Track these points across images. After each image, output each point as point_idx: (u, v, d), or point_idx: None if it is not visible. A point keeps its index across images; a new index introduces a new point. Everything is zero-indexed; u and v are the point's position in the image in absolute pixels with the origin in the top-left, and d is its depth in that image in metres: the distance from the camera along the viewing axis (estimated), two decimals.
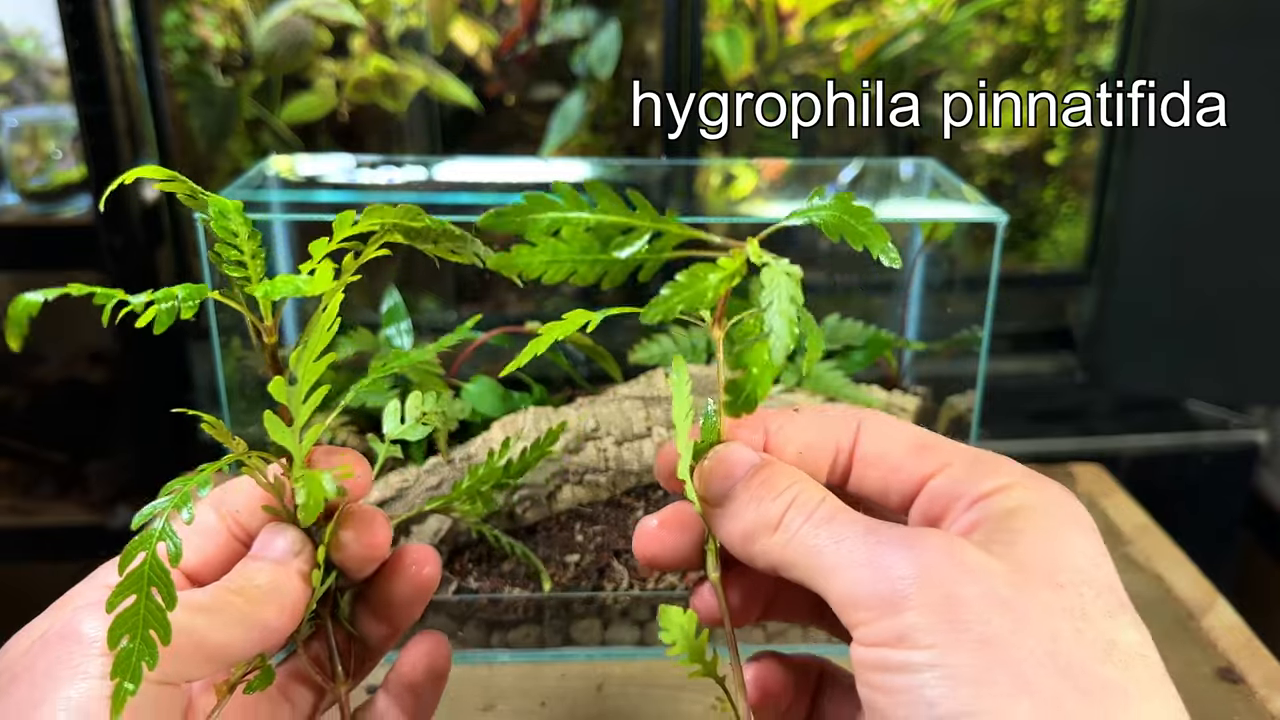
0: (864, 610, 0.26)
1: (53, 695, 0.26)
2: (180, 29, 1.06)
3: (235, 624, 0.30)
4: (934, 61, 1.10)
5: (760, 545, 0.29)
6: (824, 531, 0.28)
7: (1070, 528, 0.28)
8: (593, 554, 0.65)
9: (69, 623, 0.28)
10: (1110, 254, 1.11)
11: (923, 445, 0.31)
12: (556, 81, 1.13)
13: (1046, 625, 0.25)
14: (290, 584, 0.33)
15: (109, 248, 1.03)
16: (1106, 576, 0.27)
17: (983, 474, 0.29)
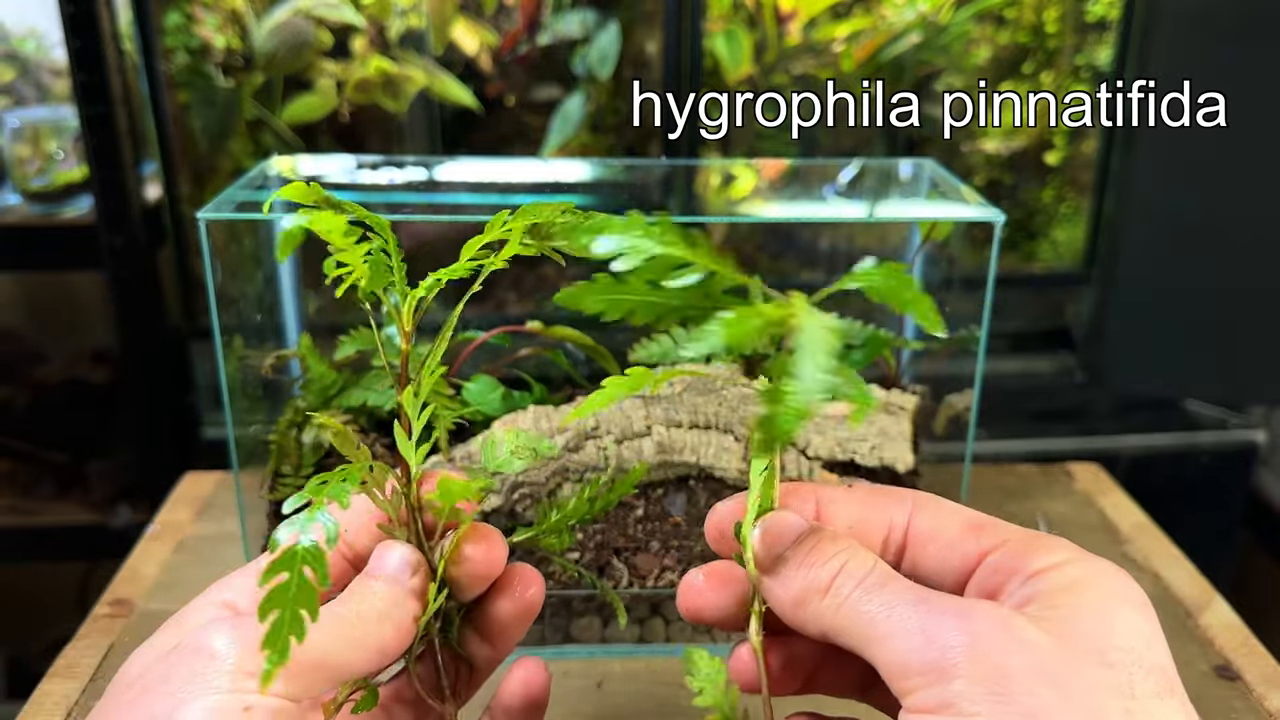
0: (914, 677, 0.26)
1: (186, 706, 0.27)
2: (181, 30, 1.06)
3: (354, 645, 0.31)
4: (933, 62, 1.10)
5: (811, 610, 0.30)
6: (875, 598, 0.28)
7: (1123, 605, 0.28)
8: (592, 552, 0.65)
9: (199, 638, 0.29)
10: (1109, 254, 1.11)
11: (978, 525, 0.31)
12: (557, 82, 1.14)
13: (1093, 702, 0.25)
14: (405, 603, 0.33)
15: (110, 248, 1.03)
16: (1158, 657, 0.27)
17: (1038, 551, 0.30)
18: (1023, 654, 0.26)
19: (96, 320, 1.18)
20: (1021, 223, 1.17)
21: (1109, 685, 0.26)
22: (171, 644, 0.30)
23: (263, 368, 0.65)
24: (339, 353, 0.63)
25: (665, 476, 0.67)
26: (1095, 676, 0.26)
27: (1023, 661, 0.26)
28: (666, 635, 0.65)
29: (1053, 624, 0.27)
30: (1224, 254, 1.07)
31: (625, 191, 0.76)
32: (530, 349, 0.68)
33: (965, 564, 0.31)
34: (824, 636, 0.30)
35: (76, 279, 1.20)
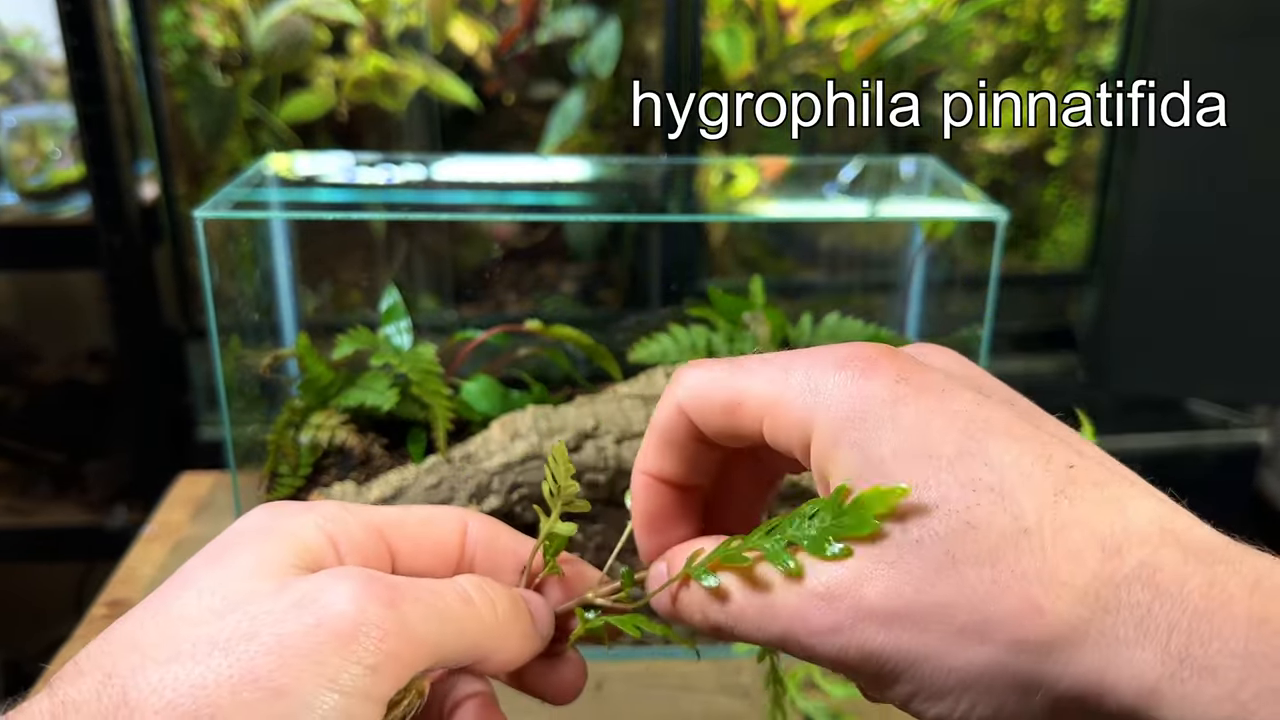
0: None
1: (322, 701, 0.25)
2: (179, 28, 1.06)
3: (468, 645, 0.29)
4: (934, 60, 1.09)
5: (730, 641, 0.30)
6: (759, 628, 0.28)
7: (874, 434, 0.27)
8: (592, 553, 0.65)
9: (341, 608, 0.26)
10: (1112, 253, 1.11)
11: (735, 405, 0.30)
12: (556, 80, 1.13)
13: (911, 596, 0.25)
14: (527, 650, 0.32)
15: (107, 247, 1.03)
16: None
17: (786, 428, 0.29)
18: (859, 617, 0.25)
19: (93, 320, 1.18)
20: (1024, 222, 1.17)
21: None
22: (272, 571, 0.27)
23: (260, 368, 0.64)
24: (337, 352, 0.63)
25: None
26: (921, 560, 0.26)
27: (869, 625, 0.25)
28: (666, 637, 0.65)
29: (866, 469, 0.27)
30: (1226, 253, 1.07)
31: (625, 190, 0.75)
32: (529, 349, 0.68)
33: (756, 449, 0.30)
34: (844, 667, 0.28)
35: (73, 278, 1.20)
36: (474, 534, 0.33)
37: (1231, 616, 0.22)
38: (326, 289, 1.07)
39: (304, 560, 0.28)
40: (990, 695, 0.25)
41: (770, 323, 0.68)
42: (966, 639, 0.24)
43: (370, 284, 1.05)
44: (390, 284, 0.63)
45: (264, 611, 0.25)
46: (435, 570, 0.32)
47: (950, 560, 0.25)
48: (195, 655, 0.25)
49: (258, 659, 0.24)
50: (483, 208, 0.71)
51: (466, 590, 0.29)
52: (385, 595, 0.26)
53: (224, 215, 0.56)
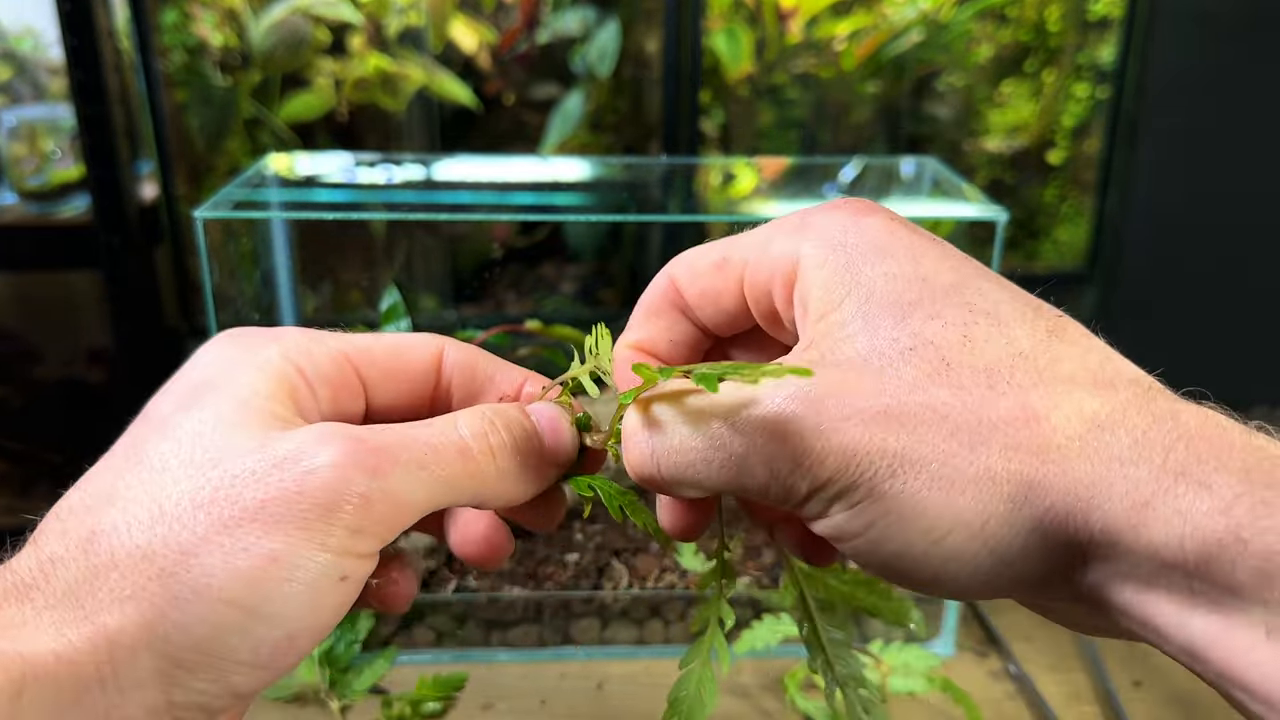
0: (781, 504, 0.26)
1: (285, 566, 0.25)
2: (178, 28, 1.06)
3: (464, 490, 0.28)
4: (934, 60, 1.09)
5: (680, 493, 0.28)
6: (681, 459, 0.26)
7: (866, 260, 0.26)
8: (592, 553, 0.65)
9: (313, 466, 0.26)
10: (1112, 253, 1.11)
11: (721, 261, 0.29)
12: (556, 80, 1.13)
13: (928, 404, 0.24)
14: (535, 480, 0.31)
15: (107, 247, 1.03)
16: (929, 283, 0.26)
17: (770, 262, 0.28)
18: (842, 417, 0.24)
19: (93, 320, 1.18)
20: (1023, 221, 1.17)
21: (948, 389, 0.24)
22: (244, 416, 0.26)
23: None
24: None
25: None
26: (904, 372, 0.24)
27: (848, 426, 0.24)
28: (665, 637, 0.65)
29: (832, 345, 0.25)
30: (1227, 253, 1.07)
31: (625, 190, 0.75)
32: (529, 348, 0.68)
33: (742, 309, 0.29)
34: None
35: (73, 278, 1.19)
36: (451, 360, 0.32)
37: (1228, 442, 0.22)
38: (326, 289, 1.07)
39: (278, 400, 0.28)
40: (977, 506, 0.23)
41: None
42: (959, 442, 0.23)
43: (370, 284, 1.05)
44: (390, 284, 0.63)
45: (246, 471, 0.25)
46: (411, 399, 0.31)
47: (945, 366, 0.24)
48: (180, 517, 0.25)
49: (243, 524, 0.24)
50: (483, 208, 0.71)
51: (465, 441, 0.28)
52: (370, 462, 0.25)
53: (224, 215, 0.56)
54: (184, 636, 0.24)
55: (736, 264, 0.28)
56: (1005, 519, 0.23)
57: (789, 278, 0.27)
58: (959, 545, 0.23)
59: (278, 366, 0.28)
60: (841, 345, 0.25)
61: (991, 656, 0.66)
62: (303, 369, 0.29)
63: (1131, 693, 0.61)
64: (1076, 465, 0.23)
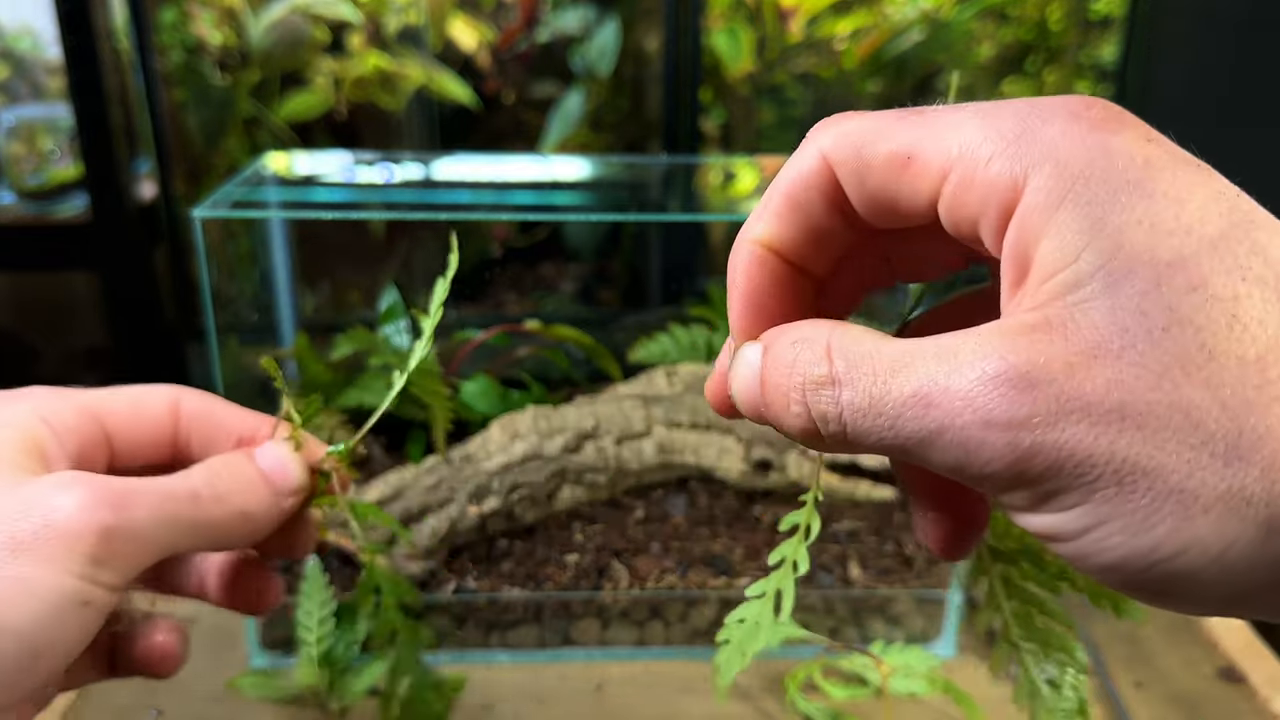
0: (982, 486, 0.21)
1: (27, 591, 0.27)
2: (177, 27, 1.06)
3: (198, 532, 0.31)
4: (936, 59, 1.09)
5: (835, 449, 0.23)
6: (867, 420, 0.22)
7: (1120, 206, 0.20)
8: (592, 554, 0.64)
9: (52, 502, 0.28)
10: None
11: (906, 159, 0.22)
12: (556, 79, 1.13)
13: (1175, 403, 0.19)
14: (270, 513, 0.33)
15: (105, 247, 1.02)
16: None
17: (984, 183, 0.21)
18: (1064, 410, 0.20)
19: (91, 320, 1.18)
20: None
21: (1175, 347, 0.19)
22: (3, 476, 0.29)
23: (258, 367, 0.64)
24: (335, 352, 0.63)
25: (665, 478, 0.67)
26: (1155, 360, 0.19)
27: (1071, 421, 0.20)
28: (666, 638, 0.65)
29: (1060, 314, 0.20)
30: None
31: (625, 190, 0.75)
32: (529, 349, 0.68)
33: (927, 219, 0.23)
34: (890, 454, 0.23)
35: (71, 278, 1.19)
36: (187, 409, 0.35)
37: None
38: (325, 289, 1.07)
39: (24, 452, 0.30)
40: (1220, 530, 0.19)
41: None
42: (1210, 453, 0.19)
43: (370, 284, 1.05)
44: (389, 284, 0.63)
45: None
46: (152, 448, 0.34)
47: (1206, 355, 0.19)
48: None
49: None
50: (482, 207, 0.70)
51: (195, 489, 0.31)
52: (111, 499, 0.28)
53: (222, 214, 0.56)
54: None
55: (930, 166, 0.22)
56: (1253, 546, 0.19)
57: (1006, 208, 0.21)
58: (1191, 566, 0.19)
59: (24, 421, 0.31)
60: (1074, 315, 0.20)
61: None
62: (49, 421, 0.31)
63: (1133, 693, 0.61)
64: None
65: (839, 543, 0.65)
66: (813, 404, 0.23)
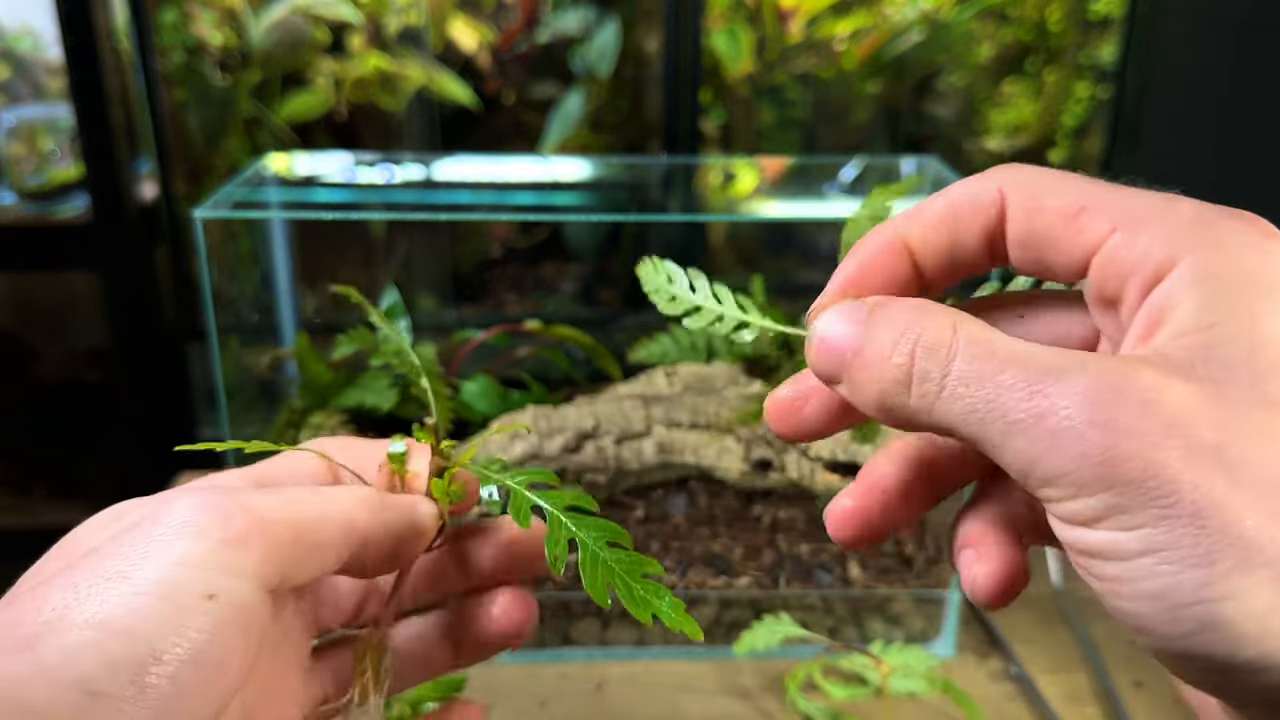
0: (1048, 488, 0.22)
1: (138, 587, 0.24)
2: (178, 27, 1.06)
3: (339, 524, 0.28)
4: (935, 60, 1.09)
5: (902, 414, 0.24)
6: (965, 385, 0.22)
7: (1265, 298, 0.22)
8: None
9: (162, 509, 0.26)
10: None
11: (1076, 210, 0.24)
12: (556, 79, 1.13)
13: (1270, 465, 0.20)
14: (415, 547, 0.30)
15: (106, 247, 1.02)
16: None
17: (1152, 243, 0.23)
18: (1176, 435, 0.20)
19: (92, 320, 1.18)
20: None
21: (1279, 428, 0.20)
22: (130, 518, 0.26)
23: (260, 368, 0.64)
24: (336, 352, 0.63)
25: (666, 478, 0.67)
26: (1261, 425, 0.20)
27: (1178, 447, 0.20)
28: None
29: (1196, 366, 0.21)
30: None
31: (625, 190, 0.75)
32: (529, 349, 0.68)
33: (1071, 268, 0.25)
34: (927, 431, 0.24)
35: (72, 278, 1.19)
36: (339, 460, 0.32)
37: None
38: (326, 289, 1.07)
39: None
40: (1274, 588, 0.20)
41: None
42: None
43: (370, 284, 1.05)
44: (390, 284, 0.63)
45: (107, 537, 0.25)
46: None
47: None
48: (46, 584, 0.24)
49: (97, 564, 0.24)
50: (483, 208, 0.71)
51: (335, 491, 0.29)
52: (227, 493, 0.26)
53: (223, 215, 0.56)
54: (33, 673, 0.22)
55: (1102, 222, 0.24)
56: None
57: (1160, 272, 0.23)
58: (1235, 614, 0.20)
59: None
60: (1200, 362, 0.21)
61: (992, 658, 0.66)
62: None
63: (1132, 694, 0.61)
64: None
65: None
66: (920, 359, 0.23)
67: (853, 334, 0.25)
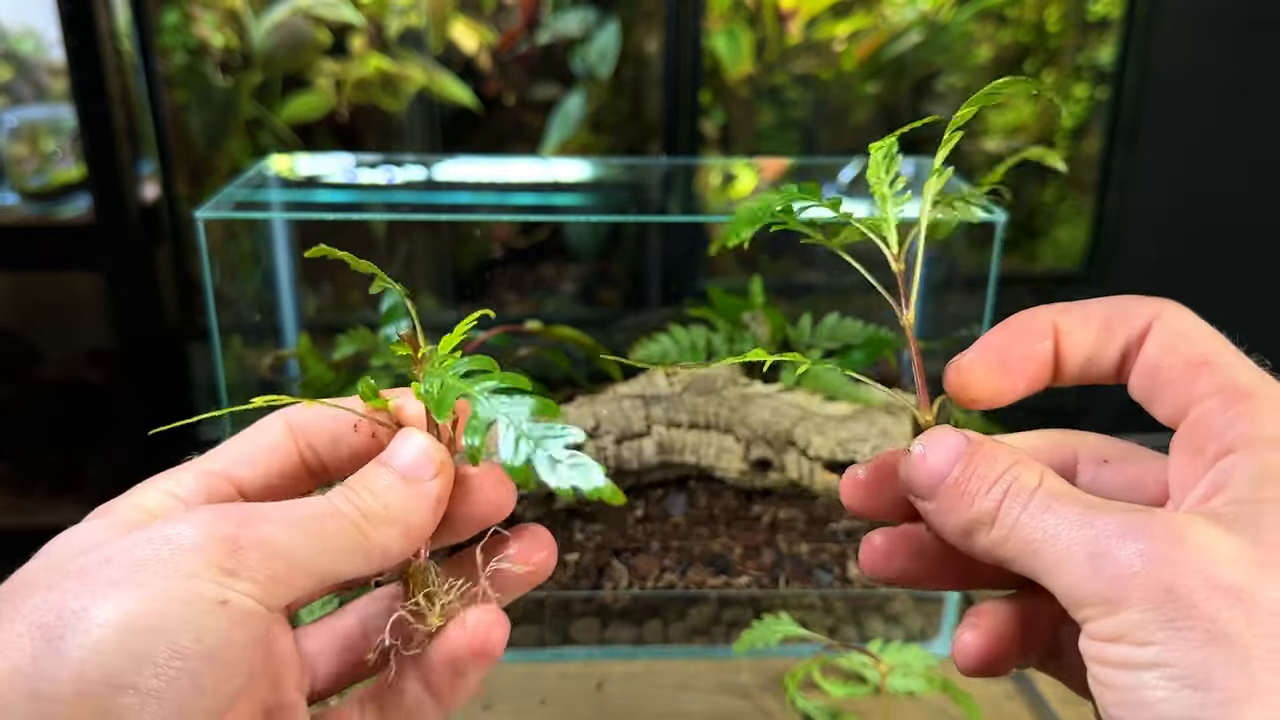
0: (1086, 608, 0.25)
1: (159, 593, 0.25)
2: (179, 29, 1.06)
3: (350, 550, 0.28)
4: (934, 61, 1.10)
5: (978, 541, 0.27)
6: (1040, 523, 0.26)
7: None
8: (592, 553, 0.65)
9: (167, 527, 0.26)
10: (1111, 254, 1.11)
11: (1201, 362, 0.27)
12: (556, 81, 1.13)
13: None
14: (421, 507, 0.29)
15: (107, 248, 1.03)
16: None
17: (1245, 414, 0.26)
18: (1200, 571, 0.23)
19: (94, 320, 1.18)
20: (1023, 222, 1.17)
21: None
22: (119, 528, 0.27)
23: (261, 368, 0.64)
24: (337, 352, 0.63)
25: (665, 477, 0.67)
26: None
27: (1200, 580, 0.23)
28: (665, 636, 0.65)
29: (1240, 522, 0.24)
30: (1227, 253, 1.07)
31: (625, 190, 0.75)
32: (529, 349, 0.68)
33: (1176, 408, 0.28)
34: (995, 563, 0.27)
35: (74, 279, 1.20)
36: (297, 422, 0.32)
37: None
38: (327, 289, 1.07)
39: (151, 516, 0.29)
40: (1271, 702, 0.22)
41: (770, 323, 0.68)
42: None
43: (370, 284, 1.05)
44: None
45: (117, 550, 0.26)
46: (286, 479, 0.32)
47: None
48: (54, 588, 0.25)
49: (114, 573, 0.25)
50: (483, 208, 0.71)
51: (332, 504, 0.28)
52: (233, 516, 0.26)
53: (225, 216, 0.56)
54: (57, 670, 0.23)
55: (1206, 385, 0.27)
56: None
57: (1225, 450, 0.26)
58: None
59: (146, 500, 0.29)
60: (1242, 515, 0.24)
61: None
62: (172, 493, 0.30)
63: None
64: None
65: (838, 542, 0.65)
66: (1010, 496, 0.27)
67: (956, 465, 0.28)
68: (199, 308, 1.08)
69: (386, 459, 0.30)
